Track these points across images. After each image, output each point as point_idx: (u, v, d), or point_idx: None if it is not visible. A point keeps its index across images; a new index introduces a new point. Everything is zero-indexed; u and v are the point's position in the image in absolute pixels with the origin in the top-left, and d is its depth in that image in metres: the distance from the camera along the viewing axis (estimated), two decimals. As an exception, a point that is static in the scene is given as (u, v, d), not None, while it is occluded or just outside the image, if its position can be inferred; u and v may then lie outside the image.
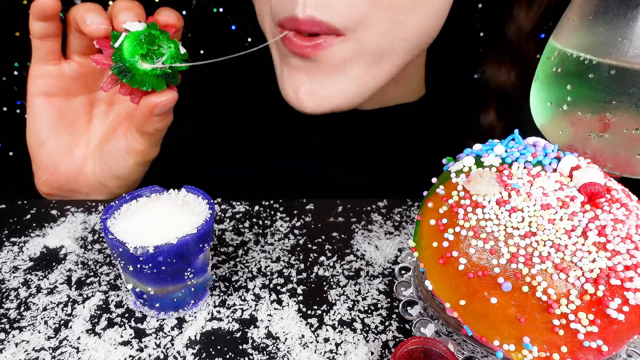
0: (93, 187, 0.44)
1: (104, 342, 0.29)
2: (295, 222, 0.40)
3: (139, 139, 0.40)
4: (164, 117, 0.39)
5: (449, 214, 0.26)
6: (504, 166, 0.26)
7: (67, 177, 0.43)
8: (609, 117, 0.30)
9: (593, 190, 0.24)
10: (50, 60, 0.39)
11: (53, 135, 0.41)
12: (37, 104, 0.40)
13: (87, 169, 0.43)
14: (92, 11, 0.35)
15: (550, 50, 0.33)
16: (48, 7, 0.36)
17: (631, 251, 0.23)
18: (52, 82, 0.40)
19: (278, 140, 0.55)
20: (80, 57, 0.40)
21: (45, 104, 0.40)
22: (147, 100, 0.37)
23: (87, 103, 0.42)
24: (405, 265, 0.34)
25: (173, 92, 0.37)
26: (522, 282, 0.23)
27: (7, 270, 0.34)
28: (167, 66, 0.36)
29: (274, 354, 0.28)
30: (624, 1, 0.28)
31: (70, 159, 0.42)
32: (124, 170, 0.42)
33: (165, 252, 0.27)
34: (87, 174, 0.43)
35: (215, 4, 0.66)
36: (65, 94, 0.41)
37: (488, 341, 0.25)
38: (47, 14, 0.36)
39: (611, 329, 0.23)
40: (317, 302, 0.32)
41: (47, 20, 0.37)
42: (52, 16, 0.37)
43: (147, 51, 0.35)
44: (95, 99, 0.43)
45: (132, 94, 0.37)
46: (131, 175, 0.43)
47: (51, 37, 0.38)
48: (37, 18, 0.37)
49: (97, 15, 0.35)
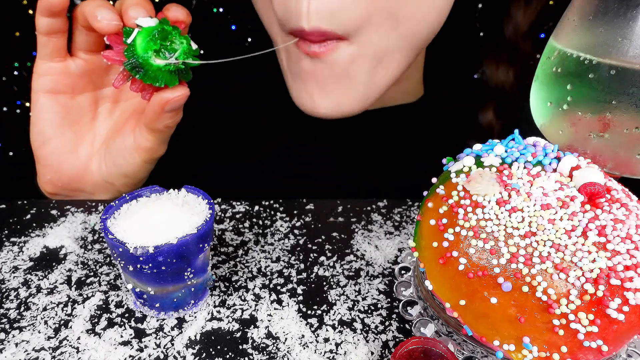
0: (98, 185, 0.43)
1: (104, 342, 0.29)
2: (295, 222, 0.40)
3: (148, 136, 0.40)
4: (175, 114, 0.38)
5: (449, 214, 0.26)
6: (504, 166, 0.26)
7: (71, 175, 0.43)
8: (609, 117, 0.30)
9: (593, 190, 0.24)
10: (55, 57, 0.39)
11: (58, 133, 0.41)
12: (42, 102, 0.40)
13: (93, 167, 0.43)
14: (102, 7, 0.35)
15: (550, 50, 0.33)
16: (56, 3, 0.36)
17: (631, 251, 0.23)
18: (57, 79, 0.40)
19: (277, 139, 0.55)
20: (86, 54, 0.40)
21: (50, 102, 0.40)
22: (159, 96, 0.36)
23: (92, 100, 0.42)
24: (405, 265, 0.34)
25: (185, 88, 0.37)
26: (522, 282, 0.23)
27: (7, 270, 0.34)
28: (181, 62, 0.35)
29: (274, 354, 0.28)
30: (624, 1, 0.28)
31: (75, 157, 0.42)
32: (131, 168, 0.42)
33: (165, 252, 0.27)
34: (93, 172, 0.43)
35: (215, 4, 0.66)
36: (71, 92, 0.41)
37: (488, 341, 0.25)
38: (55, 9, 0.36)
39: (611, 329, 0.23)
40: (317, 302, 0.32)
41: (54, 16, 0.36)
42: (60, 12, 0.36)
43: (160, 47, 0.35)
44: (100, 96, 0.43)
45: (144, 90, 0.36)
46: (138, 173, 0.43)
47: (57, 34, 0.38)
48: (44, 14, 0.36)
49: (108, 11, 0.35)
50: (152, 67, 0.35)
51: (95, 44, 0.39)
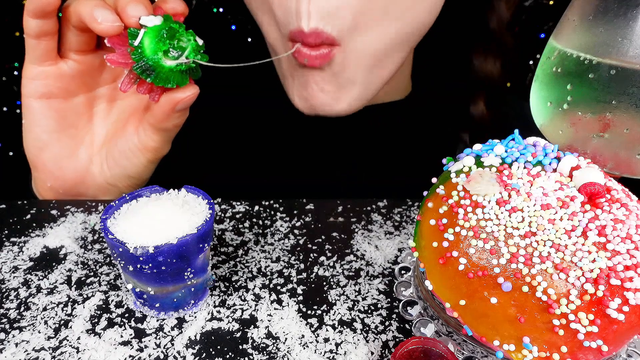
0: (101, 187, 0.43)
1: (104, 342, 0.29)
2: (295, 222, 0.40)
3: (153, 136, 0.39)
4: (184, 112, 0.38)
5: (449, 214, 0.26)
6: (504, 166, 0.26)
7: (73, 179, 0.42)
8: (609, 117, 0.30)
9: (593, 190, 0.24)
10: (46, 60, 0.37)
11: (54, 138, 0.40)
12: (36, 107, 0.38)
13: (94, 170, 0.42)
14: (100, 7, 0.33)
15: (550, 50, 0.33)
16: (46, 3, 0.33)
17: (631, 251, 0.23)
18: (50, 82, 0.38)
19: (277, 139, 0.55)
20: (78, 55, 0.38)
21: (44, 107, 0.39)
22: (170, 96, 0.35)
23: (87, 101, 0.41)
24: (405, 265, 0.34)
25: (195, 86, 0.36)
26: (522, 282, 0.23)
27: (7, 270, 0.34)
28: (192, 60, 0.34)
29: (274, 354, 0.28)
30: (624, 1, 0.28)
31: (75, 161, 0.41)
32: (136, 168, 0.41)
33: (165, 252, 0.27)
34: (95, 175, 0.42)
35: (215, 4, 0.66)
36: (65, 95, 0.39)
37: (488, 341, 0.25)
38: (46, 10, 0.34)
39: (611, 329, 0.23)
40: (317, 302, 0.32)
41: (44, 17, 0.34)
42: (51, 13, 0.34)
43: (169, 47, 0.33)
44: (95, 96, 0.41)
45: (152, 92, 0.35)
46: (143, 174, 0.42)
47: (48, 36, 0.36)
48: (34, 15, 0.34)
49: (107, 12, 0.33)
50: (163, 69, 0.33)
51: (88, 44, 0.38)
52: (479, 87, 0.54)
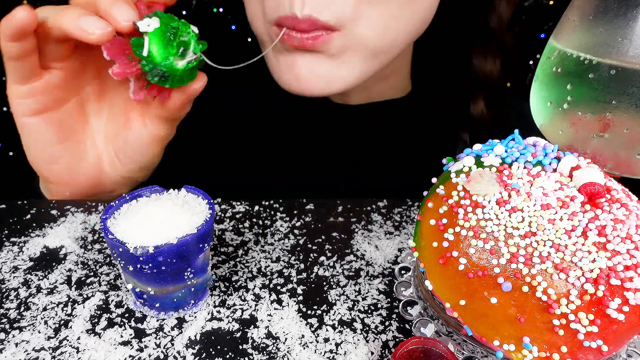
0: (116, 182, 0.43)
1: (104, 342, 0.29)
2: (295, 222, 0.40)
3: (163, 126, 0.40)
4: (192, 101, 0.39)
5: (449, 214, 0.26)
6: (504, 166, 0.26)
7: (88, 182, 0.42)
8: (609, 117, 0.30)
9: (593, 190, 0.24)
10: (32, 77, 0.35)
11: (62, 149, 0.40)
12: (33, 124, 0.38)
13: (106, 168, 0.42)
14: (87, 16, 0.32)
15: (550, 50, 0.33)
16: (25, 23, 0.31)
17: (631, 251, 0.23)
18: (40, 97, 0.37)
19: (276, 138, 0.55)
20: (60, 62, 0.37)
21: (40, 122, 0.38)
22: (184, 91, 0.36)
23: (78, 104, 0.40)
24: (405, 265, 0.34)
25: (204, 75, 0.37)
26: (522, 282, 0.23)
27: (7, 270, 0.34)
28: (199, 54, 0.34)
29: (274, 354, 0.28)
30: (624, 1, 0.28)
31: (86, 164, 0.41)
32: (148, 159, 0.42)
33: (165, 252, 0.27)
34: (107, 171, 0.42)
35: (215, 4, 0.66)
36: (57, 104, 0.38)
37: (488, 341, 0.25)
38: (25, 31, 0.32)
39: (611, 329, 0.23)
40: (317, 302, 0.32)
41: (23, 39, 0.32)
42: (29, 33, 0.32)
43: (177, 48, 0.33)
44: (84, 97, 0.41)
45: (162, 92, 0.35)
46: (155, 162, 0.43)
47: (29, 54, 0.34)
48: (12, 39, 0.32)
49: (95, 19, 0.32)
50: (178, 72, 0.33)
51: (68, 49, 0.36)
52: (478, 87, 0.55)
